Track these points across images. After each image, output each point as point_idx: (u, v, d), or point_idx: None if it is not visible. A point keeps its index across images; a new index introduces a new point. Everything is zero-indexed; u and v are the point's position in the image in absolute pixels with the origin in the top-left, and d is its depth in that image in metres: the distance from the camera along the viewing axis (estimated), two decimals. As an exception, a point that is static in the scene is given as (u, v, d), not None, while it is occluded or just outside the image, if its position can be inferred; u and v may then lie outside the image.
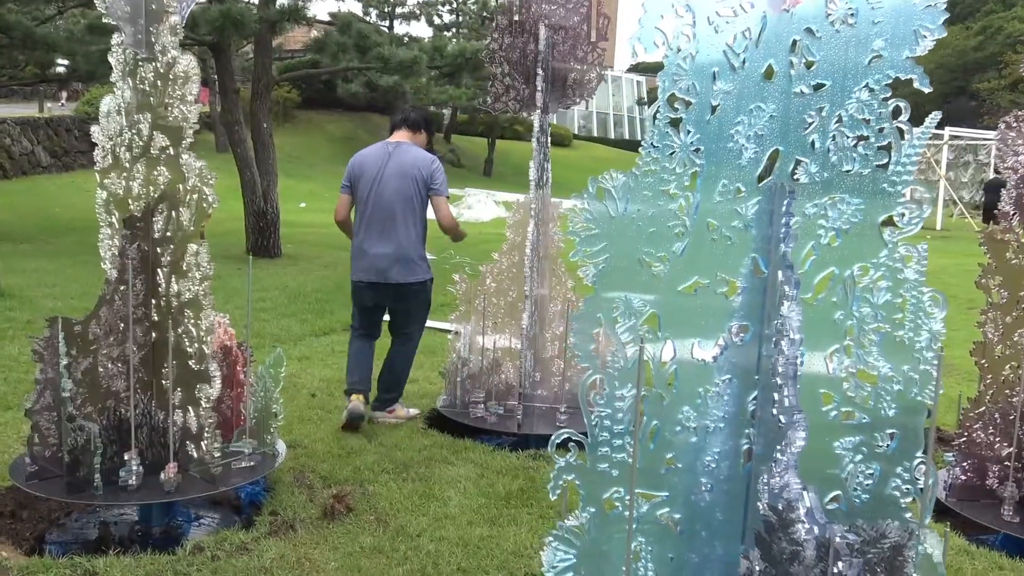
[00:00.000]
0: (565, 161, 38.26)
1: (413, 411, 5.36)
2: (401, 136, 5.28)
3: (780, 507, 2.15)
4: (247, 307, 4.22)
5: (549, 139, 5.41)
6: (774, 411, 2.25)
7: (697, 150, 2.38)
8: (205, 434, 3.69)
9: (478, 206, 22.53)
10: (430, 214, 5.13)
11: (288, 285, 10.34)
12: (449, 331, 5.74)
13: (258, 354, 6.19)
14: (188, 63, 3.60)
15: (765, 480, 2.22)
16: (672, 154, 2.38)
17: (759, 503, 2.24)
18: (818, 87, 2.44)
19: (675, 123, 2.38)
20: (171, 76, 3.61)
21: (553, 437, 2.44)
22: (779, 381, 2.24)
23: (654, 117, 2.37)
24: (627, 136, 53.30)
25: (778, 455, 2.20)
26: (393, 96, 18.92)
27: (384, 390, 5.34)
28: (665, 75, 2.38)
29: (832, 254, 2.50)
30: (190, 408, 3.69)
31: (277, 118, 31.97)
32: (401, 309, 5.27)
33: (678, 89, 2.37)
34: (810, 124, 2.46)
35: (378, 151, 5.23)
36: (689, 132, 2.36)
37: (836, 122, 2.46)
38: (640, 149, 2.40)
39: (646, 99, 54.02)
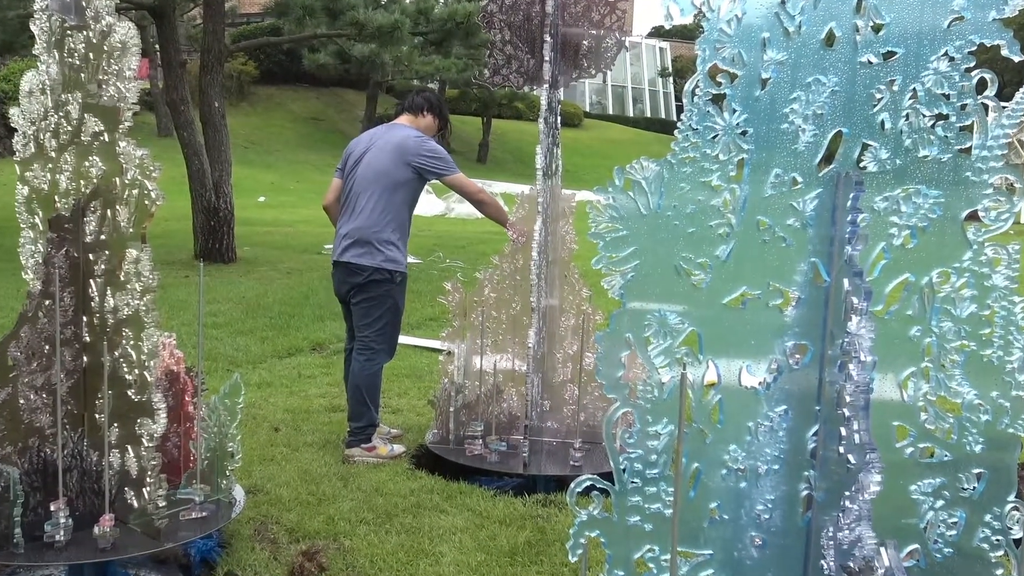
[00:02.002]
0: (575, 144, 38.42)
1: (398, 448, 5.33)
2: (401, 120, 5.49)
3: (852, 566, 2.12)
4: (197, 324, 4.19)
5: (559, 119, 5.39)
6: (840, 449, 2.22)
7: (744, 133, 2.36)
8: (147, 479, 3.65)
9: (472, 199, 22.50)
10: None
11: (245, 296, 10.32)
12: (440, 351, 5.70)
13: (211, 381, 6.18)
14: (126, 31, 3.58)
15: (831, 533, 2.19)
16: (714, 138, 2.36)
17: (823, 561, 2.21)
18: (888, 56, 2.42)
19: (717, 100, 2.36)
20: (105, 47, 3.59)
21: (572, 485, 2.41)
22: (847, 413, 2.21)
23: (692, 93, 2.35)
24: (647, 113, 53.41)
25: (847, 503, 2.17)
26: (369, 68, 18.91)
27: (351, 419, 5.31)
28: (705, 42, 2.36)
29: (906, 257, 2.48)
30: (129, 448, 3.66)
31: (231, 96, 32.03)
32: (355, 304, 5.26)
33: (721, 59, 2.35)
34: (879, 100, 2.43)
35: (371, 132, 5.51)
36: (735, 111, 2.35)
37: (910, 98, 2.44)
38: (676, 132, 2.37)
39: (670, 69, 54.15)
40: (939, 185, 2.45)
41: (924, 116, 2.43)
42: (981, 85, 2.45)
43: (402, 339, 6.26)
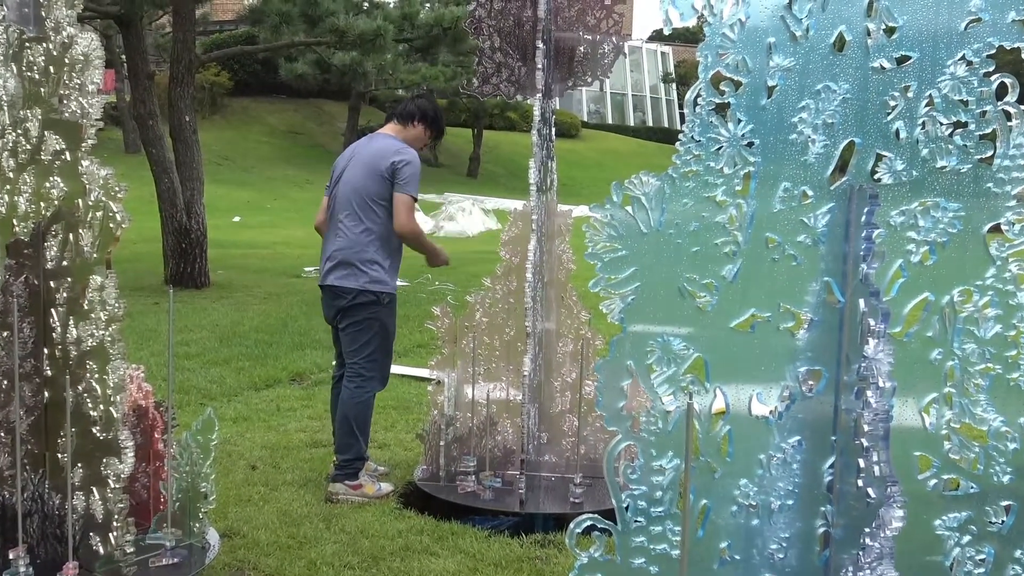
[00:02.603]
0: (572, 156, 38.54)
1: (385, 487, 5.30)
2: (387, 129, 5.45)
3: (871, 609, 2.12)
4: (167, 354, 4.18)
5: (553, 130, 5.41)
6: (859, 482, 2.23)
7: (750, 144, 2.37)
8: (114, 523, 3.64)
9: (462, 217, 22.59)
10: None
11: (219, 324, 10.30)
12: (429, 380, 5.69)
13: (182, 416, 6.16)
14: (89, 43, 3.60)
15: (850, 574, 2.19)
16: (718, 150, 2.37)
17: (842, 604, 2.20)
18: (902, 60, 2.44)
19: (721, 110, 2.38)
20: (67, 60, 3.60)
21: (572, 525, 2.40)
22: (865, 443, 2.21)
23: (694, 103, 2.37)
24: (649, 122, 53.64)
25: (867, 540, 2.17)
26: (351, 78, 19.01)
27: (337, 451, 5.29)
28: (707, 48, 2.38)
29: (926, 275, 2.49)
30: (94, 489, 3.64)
31: (203, 109, 32.11)
32: (342, 329, 5.28)
33: (724, 66, 2.37)
34: (893, 108, 2.45)
35: (354, 145, 5.53)
36: (740, 121, 2.36)
37: (926, 105, 2.45)
38: (678, 144, 2.39)
39: (673, 75, 54.42)
40: (959, 197, 2.47)
41: (941, 124, 2.45)
42: (1002, 90, 2.47)
43: (388, 368, 6.24)
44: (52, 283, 3.67)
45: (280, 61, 25.12)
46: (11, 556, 3.59)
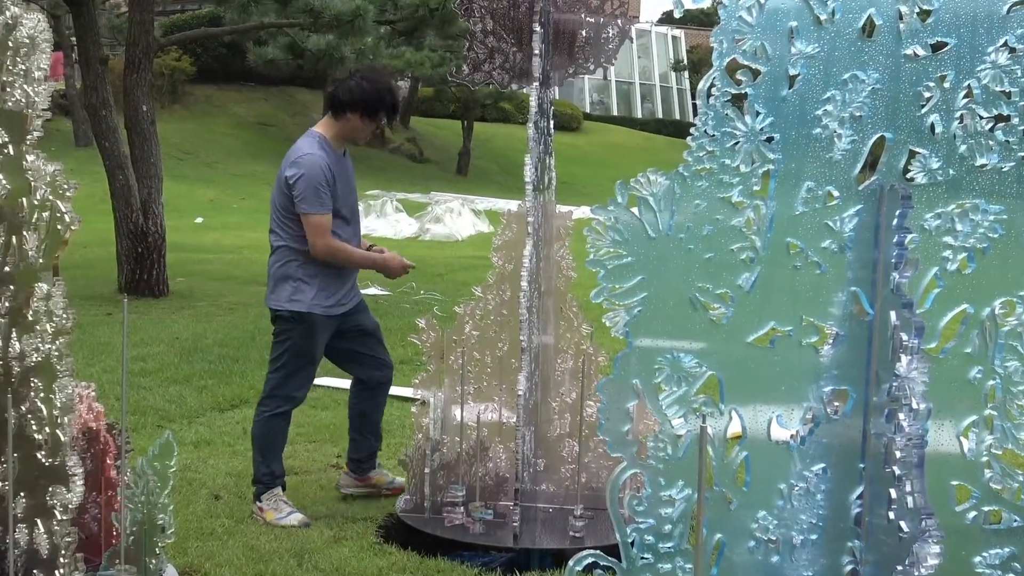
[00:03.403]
0: (572, 151, 38.56)
1: (294, 519, 5.26)
2: (317, 126, 5.42)
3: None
4: (121, 371, 4.18)
5: (552, 123, 5.42)
6: (890, 515, 2.23)
7: (770, 139, 2.38)
8: (61, 559, 3.62)
9: (450, 219, 22.59)
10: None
11: (179, 337, 10.28)
12: (412, 400, 5.69)
13: (137, 439, 6.14)
14: (35, 24, 3.59)
15: (880, 616, 2.19)
16: (734, 146, 2.38)
17: (871, 650, 2.21)
18: (938, 47, 2.45)
19: (738, 101, 2.39)
20: (11, 43, 3.60)
21: (571, 562, 2.40)
22: (897, 471, 2.22)
23: (708, 93, 2.38)
24: (659, 114, 53.76)
25: (898, 579, 2.17)
26: (327, 64, 18.99)
27: None
28: (722, 32, 2.39)
29: (964, 285, 2.50)
30: (39, 521, 3.63)
31: (162, 98, 32.10)
32: None
33: (741, 53, 2.38)
34: (927, 100, 2.46)
35: None
36: (758, 114, 2.37)
37: (964, 96, 2.46)
38: (689, 139, 2.40)
39: (685, 61, 54.55)
40: (1001, 199, 2.48)
41: (981, 118, 2.46)
42: (1048, 80, 2.48)
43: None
44: (-7, 291, 3.66)
45: (248, 45, 25.07)
46: (-55, 596, 3.58)
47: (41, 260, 3.59)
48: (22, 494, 3.63)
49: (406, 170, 33.97)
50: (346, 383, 6.23)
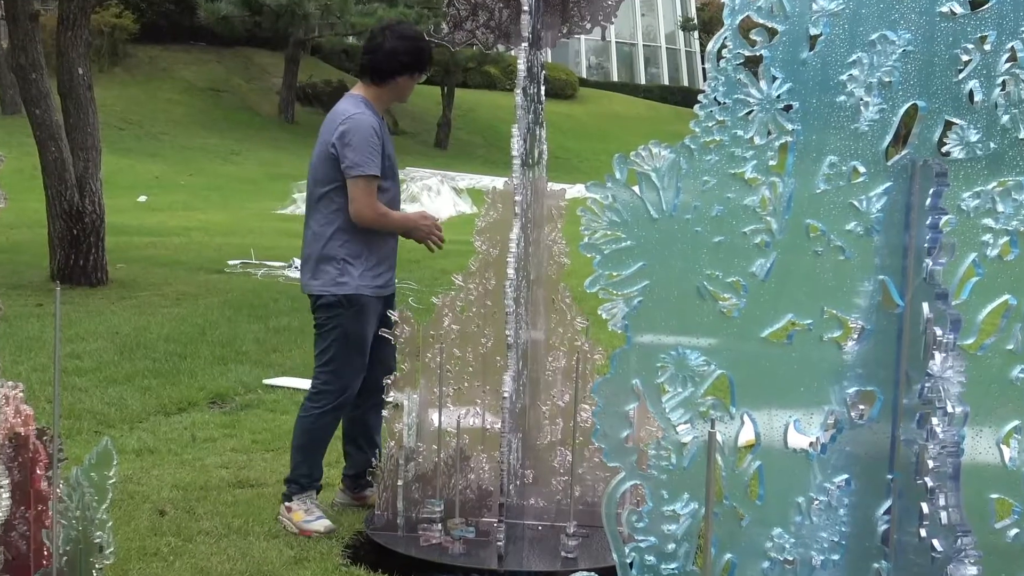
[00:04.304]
0: (567, 122, 38.54)
1: (321, 524, 5.35)
2: (354, 89, 5.62)
3: None
4: (53, 369, 4.17)
5: (543, 89, 5.42)
6: (922, 532, 2.24)
7: (788, 108, 2.38)
8: (-16, 582, 3.62)
9: (427, 198, 22.61)
10: None
11: (120, 331, 10.27)
12: (384, 403, 5.69)
13: (72, 447, 6.12)
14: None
15: (909, 646, 2.20)
16: (748, 115, 2.37)
17: None
18: (978, 4, 2.46)
19: (752, 64, 2.39)
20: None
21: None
22: (929, 483, 2.23)
23: (718, 55, 2.38)
24: (664, 80, 53.80)
25: (931, 605, 2.18)
26: (287, 23, 18.95)
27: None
28: (733, -13, 2.39)
29: (1005, 273, 2.50)
30: (-41, 539, 3.62)
31: (100, 59, 32.02)
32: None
33: (755, 10, 2.38)
34: (966, 64, 2.46)
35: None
36: (775, 79, 2.37)
37: (1007, 60, 2.47)
38: (696, 108, 2.40)
39: (695, 20, 54.56)
40: (1048, 176, 2.48)
41: (1027, 84, 2.46)
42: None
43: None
44: (-94, 278, 3.65)
45: (198, 0, 25.05)
46: None
47: (-39, 243, 3.58)
48: (-61, 509, 3.62)
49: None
50: (306, 383, 6.24)
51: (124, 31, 34.75)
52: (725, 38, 2.39)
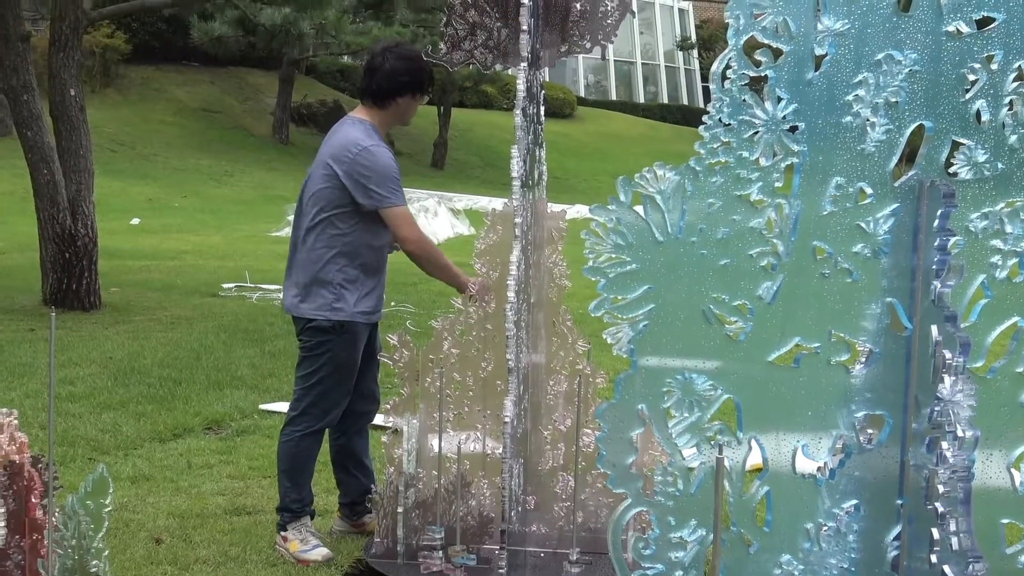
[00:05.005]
0: (566, 142, 38.61)
1: (318, 553, 5.34)
2: (356, 112, 5.64)
3: None
4: (47, 395, 4.17)
5: (543, 109, 5.42)
6: (933, 558, 2.23)
7: (793, 129, 2.38)
8: (-23, 614, 3.61)
9: (424, 219, 22.56)
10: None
11: (113, 356, 10.26)
12: (383, 428, 5.68)
13: (66, 474, 6.10)
14: (-53, -3, 3.59)
15: (922, 676, 2.19)
16: (753, 136, 2.38)
17: None
18: (984, 23, 2.46)
19: (756, 85, 2.39)
20: (-81, 19, 3.59)
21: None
22: (940, 508, 2.22)
23: (723, 76, 2.38)
24: (663, 99, 53.89)
25: (943, 633, 2.18)
26: (282, 42, 18.98)
27: None
28: (739, 6, 2.39)
29: (1014, 295, 2.50)
30: (-48, 570, 3.61)
31: (93, 80, 32.04)
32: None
33: (760, 30, 2.38)
34: (973, 84, 2.47)
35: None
36: (780, 100, 2.37)
37: (1014, 80, 2.47)
38: (702, 129, 2.40)
39: (693, 38, 54.70)
40: (1057, 196, 2.49)
41: (1035, 104, 2.47)
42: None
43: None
44: (-102, 305, 3.65)
45: (192, 19, 25.08)
46: None
47: (-46, 269, 3.58)
48: (-68, 539, 3.61)
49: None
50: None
51: (116, 52, 34.81)
52: (730, 58, 2.39)
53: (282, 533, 5.45)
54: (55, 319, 4.04)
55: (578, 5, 5.45)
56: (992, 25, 2.47)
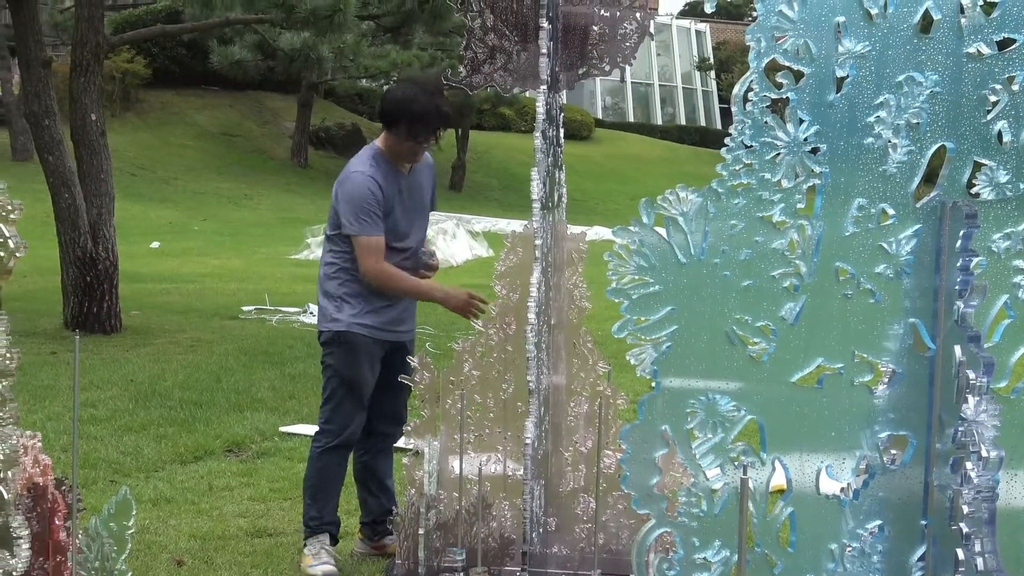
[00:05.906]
0: (584, 164, 38.61)
1: (319, 569, 5.35)
2: (380, 138, 5.68)
3: None
4: (70, 418, 4.19)
5: (561, 131, 5.45)
6: (958, 580, 2.23)
7: (815, 150, 2.39)
8: (2, 635, 3.62)
9: (443, 241, 22.61)
10: None
11: (135, 379, 10.29)
12: (404, 451, 5.69)
13: (89, 496, 6.12)
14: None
15: None
16: (775, 158, 2.39)
17: None
18: (1005, 44, 2.47)
19: (778, 107, 2.40)
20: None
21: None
22: (964, 528, 2.22)
23: (744, 98, 2.39)
24: (681, 120, 53.95)
25: (969, 654, 2.17)
26: (301, 66, 19.08)
27: None
28: (759, 29, 2.40)
29: (1039, 315, 2.50)
30: (-23, 592, 3.63)
31: (113, 105, 32.22)
32: None
33: (781, 52, 2.39)
34: (994, 105, 2.47)
35: None
36: (802, 122, 2.38)
37: (1037, 100, 2.47)
38: (724, 151, 2.41)
39: (711, 60, 54.74)
40: (1080, 216, 2.49)
41: (1056, 124, 2.47)
42: None
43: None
44: (-75, 328, 3.67)
45: (211, 44, 25.20)
46: None
47: (-19, 292, 3.61)
48: (-41, 561, 3.63)
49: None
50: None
51: (136, 76, 35.01)
52: (751, 81, 2.40)
53: (306, 550, 5.49)
54: (79, 342, 4.06)
55: (596, 28, 5.47)
56: (1013, 46, 2.48)
